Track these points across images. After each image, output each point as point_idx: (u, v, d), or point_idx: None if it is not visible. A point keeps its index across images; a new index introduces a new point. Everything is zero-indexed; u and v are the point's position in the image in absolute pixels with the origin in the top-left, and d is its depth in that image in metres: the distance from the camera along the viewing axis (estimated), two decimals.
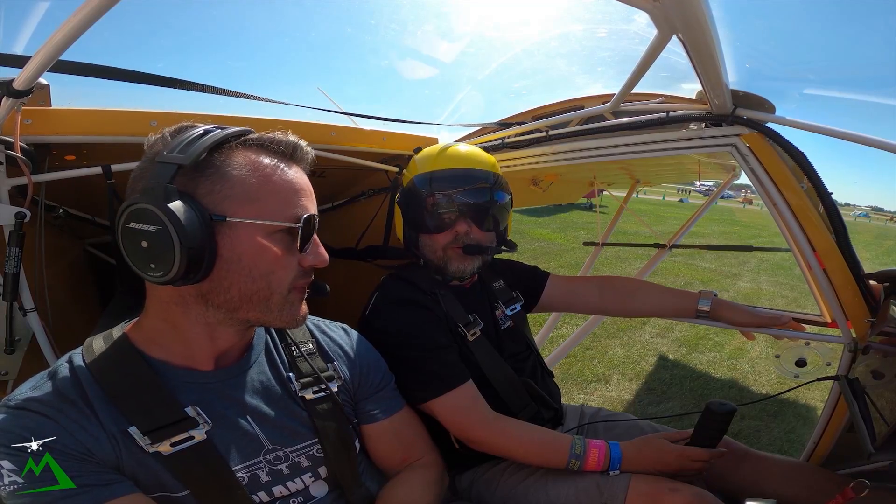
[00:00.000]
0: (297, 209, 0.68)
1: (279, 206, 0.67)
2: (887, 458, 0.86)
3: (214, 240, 0.62)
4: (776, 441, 2.60)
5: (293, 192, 0.69)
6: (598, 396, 3.05)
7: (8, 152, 0.90)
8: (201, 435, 0.65)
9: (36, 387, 0.62)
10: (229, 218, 0.63)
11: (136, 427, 0.62)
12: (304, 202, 0.70)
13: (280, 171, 0.68)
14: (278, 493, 0.71)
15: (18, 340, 1.01)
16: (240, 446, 0.69)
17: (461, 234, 1.11)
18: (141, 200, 0.60)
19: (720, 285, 6.67)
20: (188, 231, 0.59)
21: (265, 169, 0.67)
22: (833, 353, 1.22)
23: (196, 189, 0.63)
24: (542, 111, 1.69)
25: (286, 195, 0.68)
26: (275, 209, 0.66)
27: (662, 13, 0.74)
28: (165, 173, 0.61)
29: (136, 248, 0.61)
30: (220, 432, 0.68)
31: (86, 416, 0.61)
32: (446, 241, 1.12)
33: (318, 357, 0.83)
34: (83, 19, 0.62)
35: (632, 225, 7.85)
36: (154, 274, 0.61)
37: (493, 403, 1.06)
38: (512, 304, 1.26)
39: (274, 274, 0.67)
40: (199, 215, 0.61)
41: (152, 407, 0.64)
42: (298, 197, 0.69)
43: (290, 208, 0.68)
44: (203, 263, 0.61)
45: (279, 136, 0.70)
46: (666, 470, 0.97)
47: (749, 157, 1.13)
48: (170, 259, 0.59)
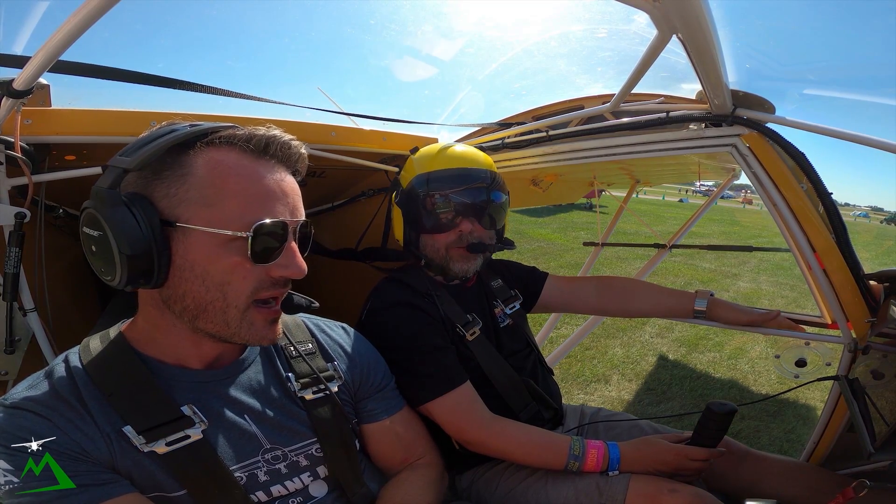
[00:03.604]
0: (255, 215, 0.61)
1: (236, 210, 0.61)
2: (887, 458, 0.86)
3: (168, 245, 0.60)
4: (776, 441, 2.60)
5: (255, 196, 0.62)
6: (598, 396, 3.05)
7: (8, 152, 0.90)
8: (197, 434, 0.64)
9: (32, 386, 0.62)
10: (179, 223, 0.60)
11: (131, 426, 0.62)
12: (272, 206, 0.63)
13: (243, 172, 0.62)
14: (277, 493, 0.71)
15: (18, 340, 1.01)
16: (237, 445, 0.69)
17: (465, 233, 1.12)
18: (89, 205, 0.60)
19: (720, 285, 6.66)
20: (127, 237, 0.57)
21: (225, 170, 0.61)
22: (833, 354, 1.22)
23: (153, 192, 0.61)
24: (542, 111, 1.69)
25: (245, 199, 0.61)
26: (231, 215, 0.61)
27: (662, 13, 0.74)
28: (110, 177, 0.59)
29: (90, 252, 0.61)
30: (217, 431, 0.67)
31: (80, 416, 0.60)
32: (449, 241, 1.12)
33: (318, 357, 0.82)
34: (83, 19, 0.62)
35: (632, 225, 7.85)
36: (106, 278, 0.61)
37: (493, 403, 1.06)
38: (511, 303, 1.26)
39: (229, 284, 0.62)
40: (145, 220, 0.58)
41: (147, 406, 0.63)
42: (263, 201, 0.62)
43: (248, 214, 0.61)
44: (153, 270, 0.59)
45: (252, 131, 0.64)
46: (665, 470, 0.97)
47: (749, 158, 1.13)
48: (113, 265, 0.58)
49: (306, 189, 0.72)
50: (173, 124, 0.64)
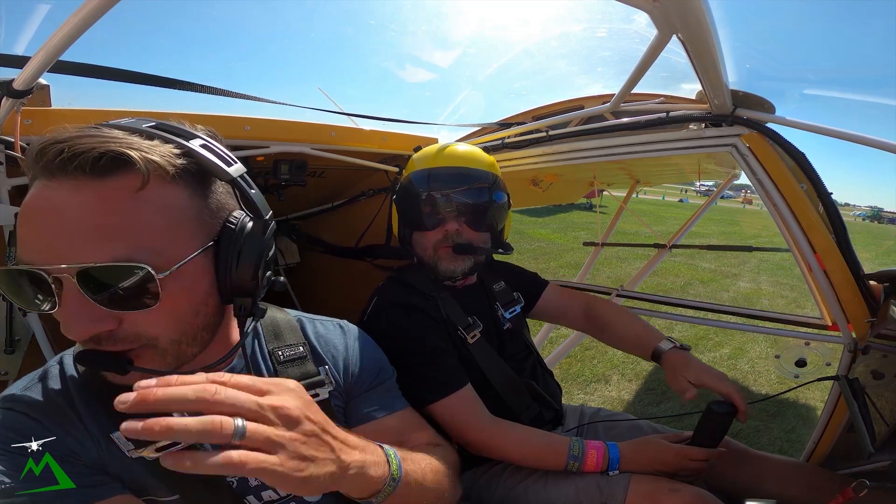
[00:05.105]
0: (19, 255, 0.50)
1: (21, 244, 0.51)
2: (887, 458, 0.86)
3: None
4: (776, 441, 2.60)
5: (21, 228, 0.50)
6: (598, 396, 3.05)
7: (8, 152, 0.90)
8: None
9: (26, 388, 0.61)
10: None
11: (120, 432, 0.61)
12: (29, 240, 0.50)
13: (29, 198, 0.50)
14: (268, 497, 0.70)
15: (18, 340, 1.01)
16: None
17: (451, 233, 1.10)
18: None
19: (720, 285, 6.67)
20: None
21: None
22: (833, 354, 1.22)
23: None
24: (542, 111, 1.69)
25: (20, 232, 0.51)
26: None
27: (662, 13, 0.74)
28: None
29: None
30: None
31: (70, 421, 0.59)
32: (436, 240, 1.11)
33: (309, 361, 0.77)
34: (83, 19, 0.62)
35: (632, 225, 7.84)
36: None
37: (494, 405, 1.06)
38: (512, 307, 1.26)
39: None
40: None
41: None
42: (23, 233, 0.50)
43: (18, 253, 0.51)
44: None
45: (44, 137, 0.50)
46: (665, 470, 0.97)
47: (749, 158, 1.13)
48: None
49: (306, 189, 0.70)
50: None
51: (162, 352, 0.56)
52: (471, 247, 1.11)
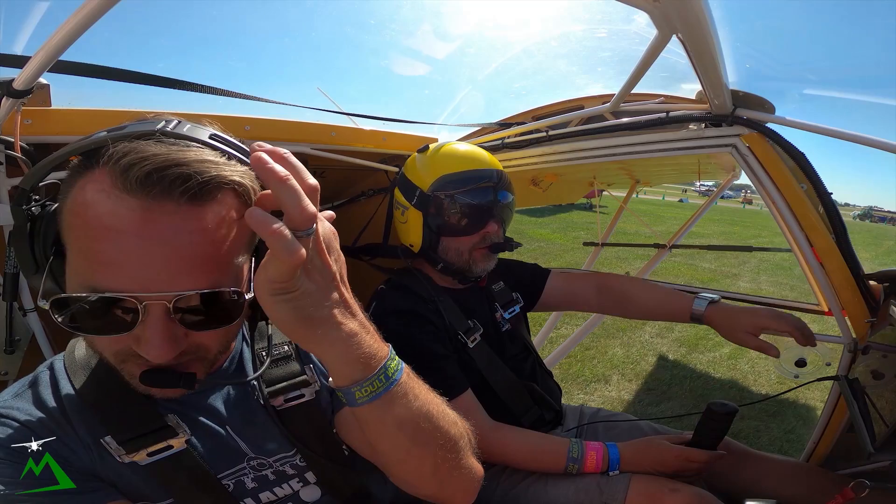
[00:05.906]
0: (87, 280, 0.46)
1: (79, 265, 0.48)
2: (887, 458, 0.86)
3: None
4: (776, 441, 2.60)
5: (92, 249, 0.46)
6: (598, 396, 3.05)
7: (8, 152, 0.90)
8: (180, 444, 0.62)
9: (17, 394, 0.61)
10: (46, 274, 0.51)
11: (112, 437, 0.59)
12: (105, 272, 0.45)
13: (93, 210, 0.45)
14: (266, 499, 0.69)
15: (18, 340, 1.01)
16: (221, 454, 0.66)
17: (491, 234, 1.12)
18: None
19: (720, 285, 6.67)
20: (23, 264, 0.52)
21: (79, 208, 0.47)
22: (833, 354, 1.22)
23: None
24: (542, 111, 1.69)
25: (86, 251, 0.46)
26: (75, 268, 0.48)
27: (662, 13, 0.74)
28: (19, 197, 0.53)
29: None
30: (200, 441, 0.65)
31: (61, 427, 0.59)
32: (473, 243, 1.12)
33: (294, 360, 0.74)
34: (83, 19, 0.62)
35: (632, 225, 7.85)
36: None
37: (495, 408, 1.06)
38: (511, 307, 1.25)
39: (94, 344, 0.55)
40: (37, 249, 0.51)
41: (130, 416, 0.60)
42: (100, 263, 0.46)
43: (88, 272, 0.46)
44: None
45: (125, 147, 0.46)
46: (665, 470, 0.97)
47: (749, 158, 1.13)
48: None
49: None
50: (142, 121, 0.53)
51: (208, 362, 0.57)
52: (507, 244, 1.15)
